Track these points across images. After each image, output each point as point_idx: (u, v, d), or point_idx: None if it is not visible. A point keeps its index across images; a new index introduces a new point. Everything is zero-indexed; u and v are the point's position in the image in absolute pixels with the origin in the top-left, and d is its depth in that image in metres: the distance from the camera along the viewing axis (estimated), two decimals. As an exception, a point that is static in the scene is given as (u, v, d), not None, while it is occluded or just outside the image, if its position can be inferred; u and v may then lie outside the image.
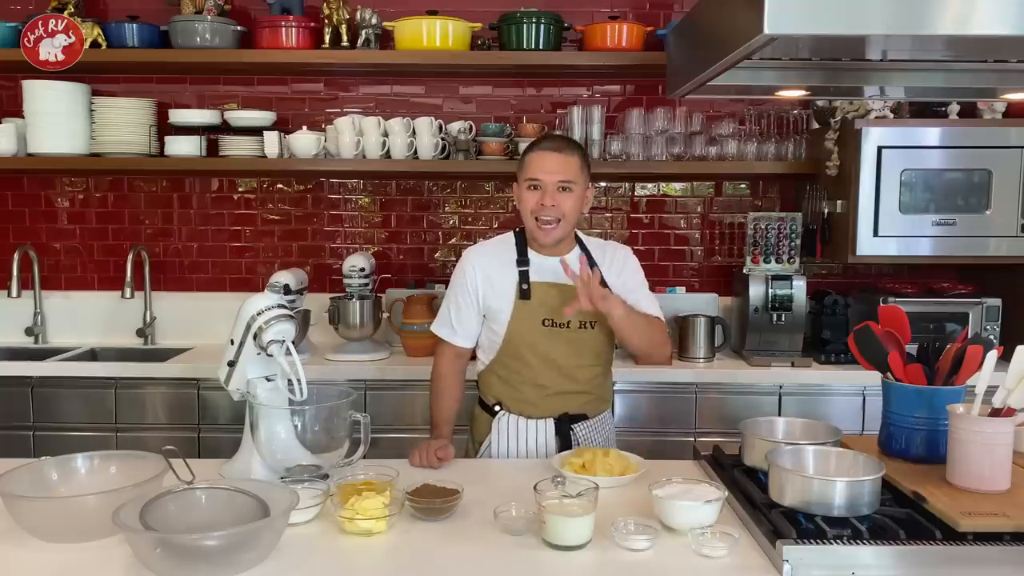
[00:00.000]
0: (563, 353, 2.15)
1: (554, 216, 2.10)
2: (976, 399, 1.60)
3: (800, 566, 1.41)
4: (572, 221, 2.14)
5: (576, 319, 2.12)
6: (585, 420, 2.21)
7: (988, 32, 1.49)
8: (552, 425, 2.17)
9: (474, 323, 2.23)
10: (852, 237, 3.06)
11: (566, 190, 2.10)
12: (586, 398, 2.21)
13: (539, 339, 2.14)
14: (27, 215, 3.64)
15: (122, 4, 3.49)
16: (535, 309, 2.14)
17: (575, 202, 2.12)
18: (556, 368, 2.16)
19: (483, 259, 2.22)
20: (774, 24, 1.44)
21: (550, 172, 2.09)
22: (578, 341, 2.16)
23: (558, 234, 2.13)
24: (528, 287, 2.14)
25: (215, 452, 2.87)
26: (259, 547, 1.42)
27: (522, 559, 1.50)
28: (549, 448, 2.16)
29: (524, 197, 2.13)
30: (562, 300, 2.09)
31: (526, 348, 2.15)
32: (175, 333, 3.57)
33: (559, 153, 2.12)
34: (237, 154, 3.37)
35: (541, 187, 2.10)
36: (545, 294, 2.14)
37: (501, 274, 2.18)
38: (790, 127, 3.39)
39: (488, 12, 3.33)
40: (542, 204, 2.09)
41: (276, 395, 1.89)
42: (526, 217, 2.14)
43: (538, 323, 2.14)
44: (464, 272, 2.22)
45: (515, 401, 2.20)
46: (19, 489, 1.56)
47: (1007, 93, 2.16)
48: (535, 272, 2.16)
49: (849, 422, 3.01)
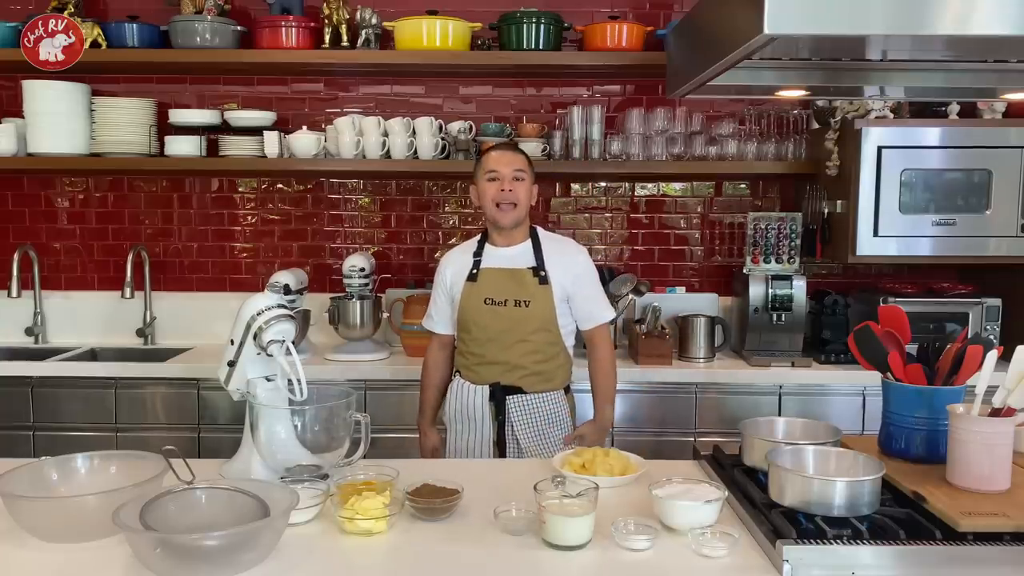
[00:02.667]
0: (499, 329, 2.46)
1: (511, 200, 2.45)
2: (976, 399, 1.60)
3: (800, 566, 1.41)
4: (525, 207, 2.50)
5: (511, 298, 2.46)
6: (521, 394, 2.45)
7: (988, 32, 1.49)
8: (487, 392, 2.46)
9: (447, 310, 2.60)
10: (852, 237, 3.06)
11: (519, 179, 2.47)
12: (520, 372, 2.45)
13: (481, 314, 2.48)
14: (27, 215, 3.64)
15: (122, 4, 3.49)
16: (479, 289, 2.49)
17: (526, 191, 2.49)
18: (492, 340, 2.47)
19: (453, 256, 2.62)
20: (774, 24, 1.44)
21: (506, 164, 2.47)
22: (512, 318, 2.45)
23: (515, 214, 2.47)
24: (477, 272, 2.52)
25: (215, 452, 2.87)
26: (259, 547, 1.42)
27: (522, 559, 1.50)
28: (485, 413, 2.46)
29: (484, 188, 2.49)
30: (503, 281, 2.47)
31: (472, 322, 2.49)
32: (175, 333, 3.57)
33: (511, 151, 2.56)
34: (237, 154, 3.37)
35: (499, 177, 2.46)
36: (490, 277, 2.50)
37: (462, 265, 2.56)
38: (790, 127, 3.39)
39: (488, 12, 3.33)
40: (501, 190, 2.45)
41: (276, 395, 1.89)
42: (487, 206, 2.48)
43: (480, 302, 2.48)
44: (439, 271, 2.63)
45: (464, 368, 2.55)
46: (19, 489, 1.56)
47: (1007, 93, 2.16)
48: (486, 260, 2.53)
49: (849, 422, 3.01)
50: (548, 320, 2.47)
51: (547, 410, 2.47)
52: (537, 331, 2.46)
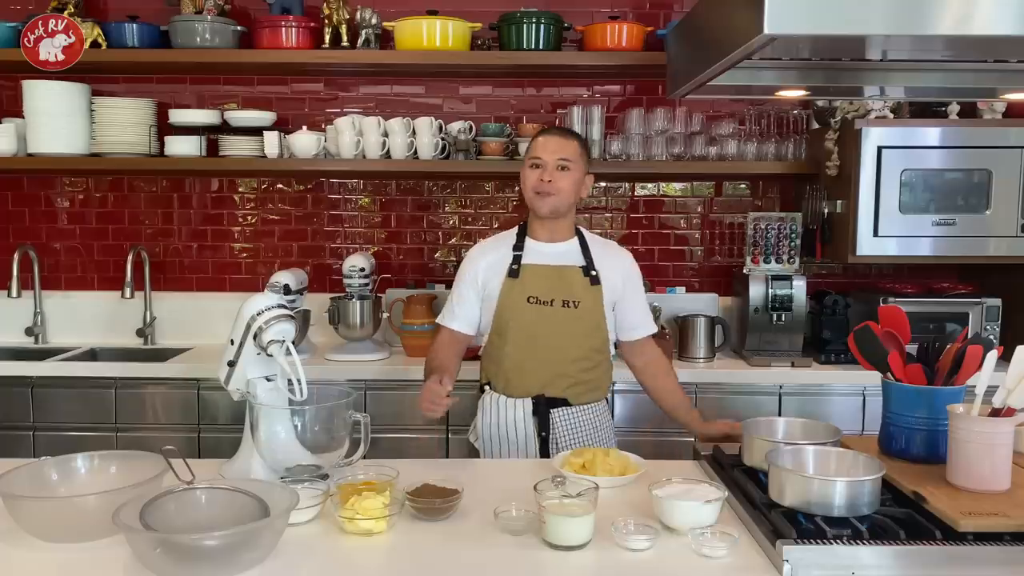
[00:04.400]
0: (544, 332, 2.24)
1: (550, 191, 2.24)
2: (976, 399, 1.60)
3: (800, 566, 1.41)
4: (569, 198, 2.27)
5: (559, 298, 2.24)
6: (567, 406, 2.26)
7: (988, 32, 1.49)
8: (529, 405, 2.24)
9: (475, 309, 2.33)
10: (852, 237, 3.06)
11: (564, 169, 2.24)
12: (566, 382, 2.26)
13: (523, 315, 2.25)
14: (27, 215, 3.64)
15: (122, 4, 3.48)
16: (522, 287, 2.26)
17: (572, 182, 2.25)
18: (536, 345, 2.25)
19: (485, 249, 2.37)
20: (774, 24, 1.44)
21: (551, 152, 2.24)
22: (560, 321, 2.24)
23: (553, 203, 2.24)
24: (518, 267, 2.28)
25: (215, 452, 2.87)
26: (259, 547, 1.42)
27: (522, 559, 1.50)
28: (528, 430, 2.24)
29: (526, 175, 2.28)
30: (549, 279, 2.25)
31: (512, 322, 2.25)
32: (175, 333, 3.57)
33: (559, 136, 2.29)
34: (237, 154, 3.37)
35: (541, 165, 2.24)
36: (533, 274, 2.27)
37: (498, 259, 2.31)
38: (790, 127, 3.39)
39: (488, 12, 3.33)
40: (541, 180, 2.23)
41: (276, 395, 1.89)
42: (526, 193, 2.28)
43: (523, 300, 2.25)
44: (468, 265, 2.36)
45: (498, 379, 2.30)
46: (19, 489, 1.56)
47: (1007, 93, 2.16)
48: (528, 255, 2.30)
49: (849, 422, 3.01)
50: (598, 324, 2.28)
51: (592, 423, 2.29)
52: (586, 335, 2.27)
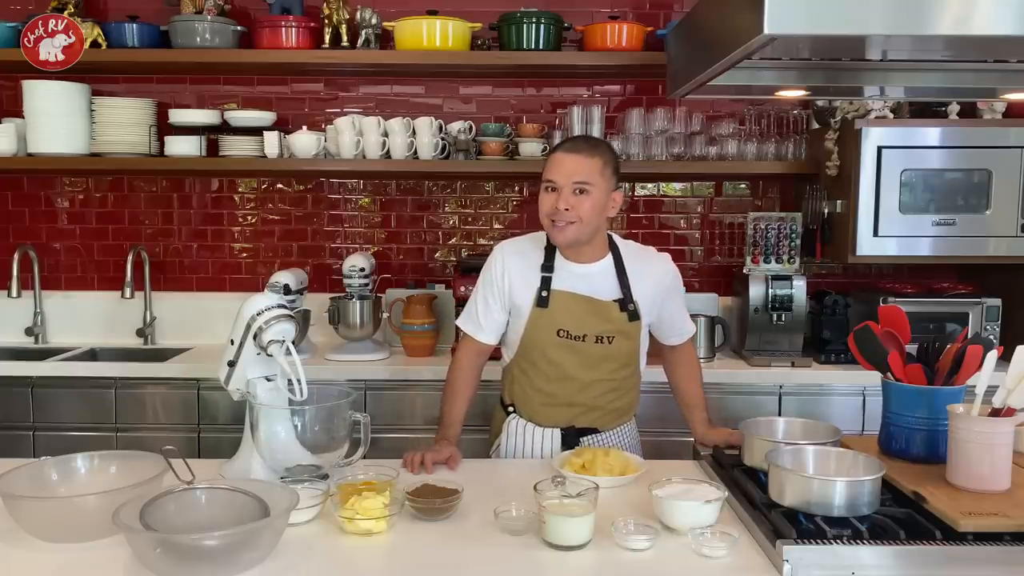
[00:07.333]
0: (575, 365, 2.11)
1: (567, 219, 2.03)
2: (976, 399, 1.60)
3: (800, 566, 1.41)
4: (591, 224, 2.05)
5: (592, 333, 2.09)
6: (596, 433, 2.19)
7: (988, 32, 1.49)
8: (558, 436, 2.15)
9: (501, 319, 2.18)
10: (852, 237, 3.06)
11: (583, 192, 2.01)
12: (597, 413, 2.17)
13: (552, 349, 2.11)
14: (27, 215, 3.64)
15: (122, 4, 3.48)
16: (552, 318, 2.10)
17: (593, 206, 2.03)
18: (567, 380, 2.13)
19: (513, 256, 2.17)
20: (774, 24, 1.44)
21: (566, 174, 2.02)
22: (593, 356, 2.11)
23: (571, 234, 2.04)
24: (547, 295, 2.10)
25: (215, 452, 2.87)
26: (259, 547, 1.42)
27: (522, 559, 1.50)
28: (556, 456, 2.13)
29: (541, 199, 2.07)
30: (581, 311, 2.08)
31: (539, 356, 2.13)
32: (175, 333, 3.57)
33: (576, 154, 2.04)
34: (237, 154, 3.36)
35: (556, 188, 2.03)
36: (564, 304, 2.10)
37: (526, 275, 2.14)
38: (790, 127, 3.38)
39: (488, 12, 3.33)
40: (556, 207, 2.02)
41: (276, 395, 1.89)
42: (542, 220, 2.08)
43: (553, 333, 2.10)
44: (494, 267, 2.17)
45: (525, 406, 2.19)
46: (19, 489, 1.56)
47: (1007, 93, 2.16)
48: (557, 279, 2.11)
49: (849, 422, 3.00)
50: (632, 356, 2.17)
51: (620, 444, 2.22)
52: (621, 367, 2.16)
